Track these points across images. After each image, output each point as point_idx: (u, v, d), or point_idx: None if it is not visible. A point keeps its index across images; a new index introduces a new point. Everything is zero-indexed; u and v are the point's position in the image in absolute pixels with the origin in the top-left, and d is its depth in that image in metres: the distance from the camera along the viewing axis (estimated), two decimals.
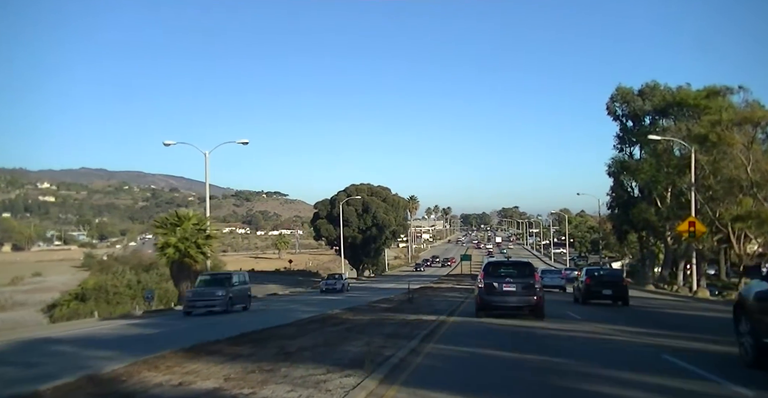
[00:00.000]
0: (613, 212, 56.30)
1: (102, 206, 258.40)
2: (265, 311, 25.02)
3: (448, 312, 19.74)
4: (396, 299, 28.69)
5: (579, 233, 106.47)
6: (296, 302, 30.69)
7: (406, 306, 22.94)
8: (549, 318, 17.30)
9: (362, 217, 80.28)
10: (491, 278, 17.73)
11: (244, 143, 33.97)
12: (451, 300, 27.46)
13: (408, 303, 25.06)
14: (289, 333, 13.31)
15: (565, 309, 22.47)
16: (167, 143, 33.48)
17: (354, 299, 32.58)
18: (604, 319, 17.80)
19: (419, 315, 18.34)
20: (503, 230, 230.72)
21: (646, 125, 51.56)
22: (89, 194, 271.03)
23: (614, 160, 53.66)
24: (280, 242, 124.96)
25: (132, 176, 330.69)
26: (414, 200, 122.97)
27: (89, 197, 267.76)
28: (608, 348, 11.39)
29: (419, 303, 24.91)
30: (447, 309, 21.48)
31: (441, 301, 26.53)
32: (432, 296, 31.85)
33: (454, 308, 22.36)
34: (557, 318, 17.90)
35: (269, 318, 18.58)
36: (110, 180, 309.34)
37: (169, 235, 31.95)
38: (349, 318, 17.16)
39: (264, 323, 16.13)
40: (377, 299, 29.91)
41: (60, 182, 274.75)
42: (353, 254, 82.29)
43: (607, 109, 52.62)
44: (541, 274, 26.93)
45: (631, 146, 52.93)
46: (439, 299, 28.45)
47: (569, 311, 21.41)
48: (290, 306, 27.16)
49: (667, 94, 48.85)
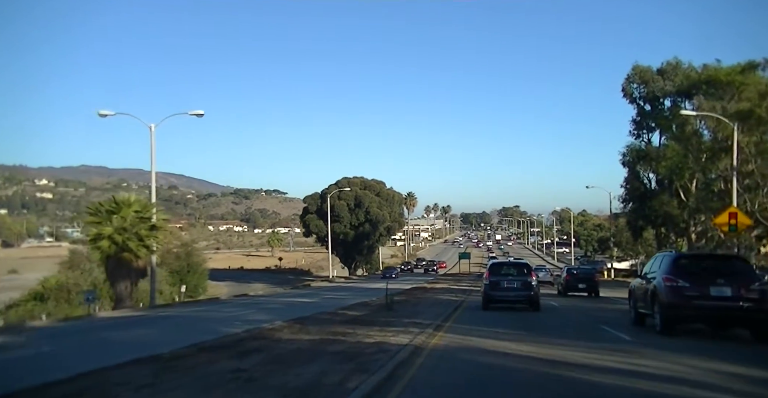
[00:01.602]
0: (627, 206, 50.20)
1: None
2: (178, 319, 18.91)
3: (434, 326, 13.78)
4: (375, 303, 22.68)
5: (584, 231, 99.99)
6: (252, 306, 24.68)
7: (379, 315, 16.94)
8: None
9: (354, 212, 74.24)
10: (495, 277, 20.64)
11: (199, 114, 27.94)
12: (444, 304, 21.45)
13: (386, 309, 19.07)
14: (113, 385, 7.27)
15: (548, 299, 26.34)
16: (103, 114, 27.46)
17: (327, 302, 26.59)
18: (574, 306, 24.11)
19: (388, 332, 12.35)
20: (503, 230, 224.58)
21: (665, 108, 45.56)
22: (87, 191, 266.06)
23: (629, 148, 47.66)
24: (273, 239, 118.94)
25: (132, 173, 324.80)
26: (412, 197, 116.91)
27: (87, 194, 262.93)
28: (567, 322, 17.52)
29: (400, 309, 18.94)
30: (433, 319, 15.51)
31: (429, 306, 20.51)
32: (421, 298, 25.88)
33: (444, 318, 16.37)
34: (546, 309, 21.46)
35: (152, 338, 12.68)
36: (110, 178, 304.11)
37: (104, 225, 25.94)
38: (280, 339, 11.14)
39: (101, 358, 9.21)
40: (354, 303, 23.89)
41: (58, 179, 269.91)
42: (345, 252, 76.28)
43: (622, 91, 46.58)
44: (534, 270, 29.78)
45: (649, 132, 46.88)
46: (428, 303, 22.46)
47: (552, 301, 26.43)
48: (235, 311, 21.14)
49: (692, 73, 42.81)
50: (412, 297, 27.44)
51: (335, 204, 73.64)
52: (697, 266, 13.84)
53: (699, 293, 12.56)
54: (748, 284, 12.60)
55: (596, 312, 21.27)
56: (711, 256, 18.67)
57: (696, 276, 12.98)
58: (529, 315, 18.89)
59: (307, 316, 16.92)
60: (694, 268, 13.56)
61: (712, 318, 13.00)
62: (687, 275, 13.01)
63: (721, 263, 14.48)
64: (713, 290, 12.54)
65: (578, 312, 21.56)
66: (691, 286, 12.69)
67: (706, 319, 13.16)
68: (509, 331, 13.51)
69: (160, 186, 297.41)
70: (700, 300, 12.50)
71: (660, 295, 13.23)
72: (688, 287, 12.69)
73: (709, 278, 12.81)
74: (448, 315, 17.23)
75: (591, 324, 16.53)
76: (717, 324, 13.61)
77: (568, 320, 18.10)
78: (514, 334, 12.86)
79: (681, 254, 15.75)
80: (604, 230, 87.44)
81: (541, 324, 16.05)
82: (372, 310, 19.08)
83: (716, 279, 12.72)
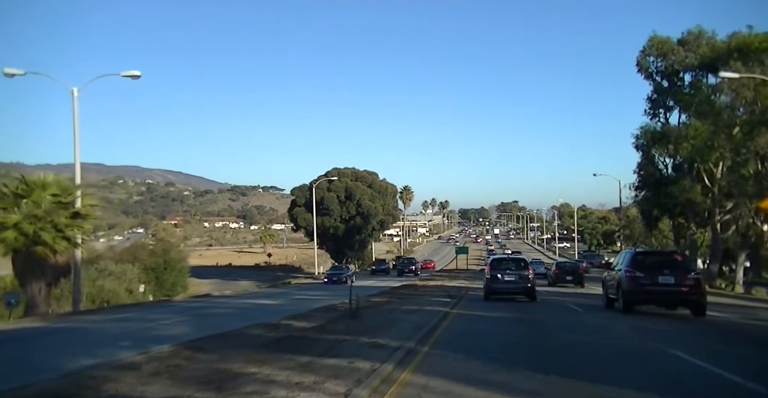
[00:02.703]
0: (640, 194, 44.73)
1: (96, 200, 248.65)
2: (50, 338, 13.60)
3: (402, 353, 8.47)
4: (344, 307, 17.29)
5: (588, 225, 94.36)
6: (192, 311, 19.47)
7: (333, 329, 11.62)
8: None
9: (345, 204, 68.85)
10: (495, 271, 22.20)
11: (134, 76, 22.52)
12: (428, 310, 16.09)
13: (349, 317, 13.77)
14: None
15: (539, 289, 25.24)
16: (9, 73, 22.08)
17: (289, 305, 21.42)
18: (559, 294, 27.66)
19: (319, 370, 6.99)
20: (502, 225, 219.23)
21: (684, 84, 40.09)
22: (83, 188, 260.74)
23: (644, 129, 42.11)
24: (265, 235, 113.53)
25: (130, 170, 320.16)
26: (408, 191, 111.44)
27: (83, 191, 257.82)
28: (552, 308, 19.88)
29: (369, 318, 13.67)
30: (406, 337, 10.12)
31: (409, 313, 15.13)
32: (404, 300, 20.58)
33: (424, 334, 11.01)
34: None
35: None
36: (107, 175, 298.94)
37: (9, 211, 20.59)
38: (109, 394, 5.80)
39: None
40: (320, 306, 18.67)
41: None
42: (336, 247, 70.92)
43: (637, 65, 41.00)
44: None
45: (667, 111, 41.38)
46: (411, 306, 17.10)
47: (541, 289, 27.34)
48: (159, 320, 15.82)
49: (718, 43, 37.39)
50: (395, 298, 22.13)
51: (325, 196, 68.30)
52: (649, 260, 16.91)
53: (650, 281, 15.77)
54: (686, 274, 15.94)
55: (572, 298, 24.75)
56: (659, 252, 23.10)
57: (648, 268, 16.07)
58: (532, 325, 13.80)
59: (232, 331, 11.68)
60: (647, 262, 16.64)
61: (661, 300, 16.27)
62: (642, 267, 16.12)
63: (667, 257, 18.27)
64: (661, 278, 15.73)
65: (560, 296, 25.51)
66: (644, 276, 15.87)
67: (656, 301, 16.33)
68: (511, 370, 8.16)
69: (157, 183, 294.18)
70: (651, 286, 15.76)
71: (622, 283, 16.47)
72: (642, 276, 15.88)
73: (658, 269, 16.00)
74: (430, 328, 11.90)
75: (562, 304, 21.06)
76: (665, 304, 16.64)
77: (549, 303, 21.82)
78: (519, 375, 7.53)
79: (637, 252, 18.31)
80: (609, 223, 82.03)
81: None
82: (330, 319, 13.75)
83: (663, 270, 15.93)
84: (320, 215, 68.51)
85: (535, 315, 16.42)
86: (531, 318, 15.46)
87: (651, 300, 16.33)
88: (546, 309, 19.01)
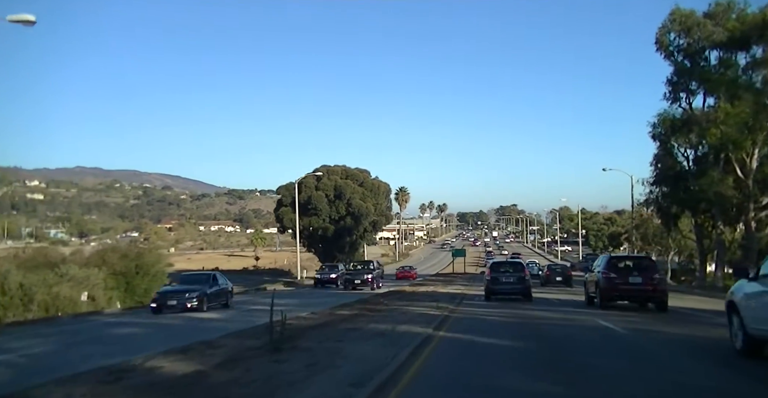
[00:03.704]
0: (656, 189, 39.48)
1: (92, 204, 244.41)
2: None
3: None
4: (296, 325, 11.94)
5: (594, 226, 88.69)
6: (71, 335, 14.23)
7: (214, 383, 6.31)
8: None
9: (334, 204, 63.46)
10: (495, 273, 23.67)
11: (28, 21, 17.23)
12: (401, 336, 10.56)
13: (271, 352, 8.44)
14: None
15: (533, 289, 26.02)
16: None
17: (241, 319, 16.26)
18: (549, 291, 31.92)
19: None
20: (501, 229, 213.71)
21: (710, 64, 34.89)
22: (79, 192, 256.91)
23: (662, 117, 36.95)
24: (256, 238, 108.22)
25: (127, 174, 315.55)
26: (404, 192, 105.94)
27: (79, 195, 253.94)
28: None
29: (298, 354, 8.32)
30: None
31: (368, 341, 9.58)
32: (379, 313, 15.29)
33: (372, 391, 5.73)
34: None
35: None
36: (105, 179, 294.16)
37: None
38: None
39: None
40: (260, 323, 13.32)
41: (50, 180, 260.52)
42: (325, 250, 65.47)
43: (656, 43, 35.80)
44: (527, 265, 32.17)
45: (690, 95, 36.15)
46: (380, 327, 11.60)
47: (535, 289, 27.62)
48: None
49: (750, 16, 32.29)
50: (368, 310, 16.81)
51: (312, 195, 62.96)
52: (622, 263, 19.85)
53: (622, 281, 18.29)
54: (652, 275, 18.48)
55: (557, 295, 27.58)
56: (631, 257, 26.45)
57: (621, 270, 18.87)
58: None
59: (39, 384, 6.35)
60: (621, 265, 19.50)
61: (631, 297, 18.78)
62: (616, 269, 18.81)
63: (637, 261, 20.93)
64: (631, 279, 18.34)
65: (552, 295, 28.02)
66: (617, 276, 18.44)
67: (627, 298, 18.83)
68: None
69: (154, 187, 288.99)
70: (623, 285, 18.26)
71: (599, 283, 18.76)
72: (616, 277, 18.41)
73: (629, 271, 18.81)
74: (386, 378, 6.53)
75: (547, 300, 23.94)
76: (634, 301, 19.01)
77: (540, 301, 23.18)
78: None
79: (612, 256, 22.02)
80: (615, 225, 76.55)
81: None
82: (237, 354, 8.43)
83: (633, 272, 18.65)
84: (308, 216, 63.20)
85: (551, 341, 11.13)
86: (548, 346, 10.14)
87: (623, 297, 18.71)
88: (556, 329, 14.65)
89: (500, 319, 15.14)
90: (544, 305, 20.98)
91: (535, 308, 19.18)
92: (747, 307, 8.45)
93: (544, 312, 17.36)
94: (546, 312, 17.39)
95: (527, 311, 17.81)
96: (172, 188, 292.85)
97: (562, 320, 14.98)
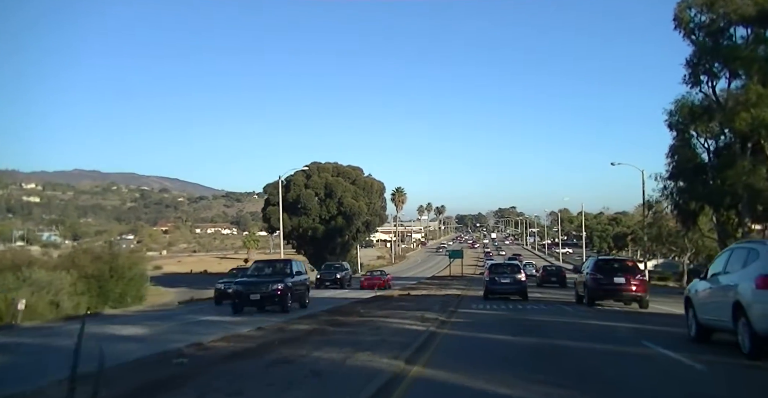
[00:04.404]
0: (671, 184, 35.54)
1: (88, 206, 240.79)
2: None
3: None
4: (206, 351, 7.92)
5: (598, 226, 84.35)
6: None
7: None
8: None
9: (325, 203, 59.43)
10: (493, 274, 25.15)
11: None
12: (348, 377, 6.67)
13: None
14: None
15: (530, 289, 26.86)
16: None
17: (162, 338, 12.18)
18: (543, 291, 32.87)
19: None
20: (500, 231, 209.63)
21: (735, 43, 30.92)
22: (75, 195, 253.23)
23: (680, 103, 33.07)
24: (248, 240, 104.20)
25: (126, 177, 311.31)
26: (401, 193, 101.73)
27: (75, 198, 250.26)
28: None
29: None
30: None
31: (292, 388, 5.73)
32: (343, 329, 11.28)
33: None
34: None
35: None
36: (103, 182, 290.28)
37: None
38: None
39: None
40: (170, 348, 9.28)
41: (46, 183, 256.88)
42: (315, 252, 61.36)
43: (675, 20, 31.92)
44: (523, 266, 35.71)
45: (712, 78, 32.17)
46: (328, 357, 7.61)
47: (532, 289, 29.15)
48: None
49: None
50: (332, 324, 12.75)
51: (302, 194, 58.95)
52: (608, 265, 21.39)
53: (608, 281, 19.91)
54: (634, 276, 20.25)
55: (550, 296, 28.39)
56: (616, 259, 26.00)
57: (606, 271, 20.43)
58: None
59: None
60: (606, 267, 21.03)
61: (615, 296, 20.32)
62: (602, 271, 20.48)
63: (621, 263, 22.34)
64: (615, 279, 19.90)
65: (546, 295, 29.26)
66: (603, 277, 20.05)
67: (612, 297, 20.40)
68: None
69: (151, 189, 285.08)
70: (608, 285, 19.90)
71: (587, 283, 20.53)
72: (602, 278, 20.06)
73: (614, 272, 20.35)
74: None
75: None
76: (618, 299, 20.47)
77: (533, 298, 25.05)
78: None
79: (599, 259, 23.42)
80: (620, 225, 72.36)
81: None
82: None
83: (617, 273, 20.23)
84: (297, 216, 59.20)
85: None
86: None
87: (608, 296, 20.37)
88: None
89: (507, 339, 11.06)
90: (558, 314, 17.74)
91: (549, 319, 15.85)
92: (697, 301, 10.32)
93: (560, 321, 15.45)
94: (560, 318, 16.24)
95: (529, 315, 17.03)
96: (170, 190, 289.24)
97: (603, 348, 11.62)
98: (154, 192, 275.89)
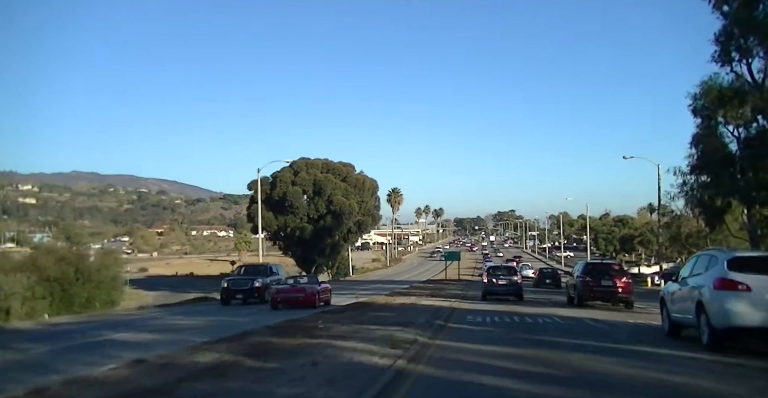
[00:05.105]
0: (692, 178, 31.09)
1: (85, 208, 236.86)
2: None
3: None
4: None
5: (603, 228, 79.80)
6: None
7: None
8: None
9: (313, 201, 55.10)
10: (491, 276, 26.72)
11: None
12: None
13: None
14: None
15: (525, 290, 28.42)
16: None
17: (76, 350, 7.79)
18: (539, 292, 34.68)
19: None
20: (499, 235, 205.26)
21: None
22: (72, 197, 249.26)
23: (707, 85, 28.69)
24: (239, 242, 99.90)
25: (124, 179, 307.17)
26: (397, 193, 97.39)
27: (72, 200, 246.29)
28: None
29: None
30: None
31: None
32: (258, 367, 7.03)
33: None
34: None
35: None
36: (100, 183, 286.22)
37: None
38: None
39: None
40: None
41: (43, 184, 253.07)
42: (303, 252, 56.95)
43: None
44: (520, 268, 45.53)
45: (745, 56, 27.80)
46: None
47: (528, 290, 30.87)
48: None
49: None
50: (243, 359, 8.37)
51: (288, 191, 54.61)
52: (596, 268, 22.71)
53: (596, 283, 21.46)
54: (621, 278, 21.82)
55: (545, 295, 30.48)
56: (603, 263, 26.48)
57: (595, 273, 21.88)
58: None
59: None
60: (595, 270, 22.41)
61: (603, 297, 21.70)
62: (590, 273, 22.02)
63: (608, 266, 23.75)
64: (603, 281, 21.48)
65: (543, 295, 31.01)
66: (592, 279, 21.58)
67: (600, 298, 21.73)
68: None
69: (149, 191, 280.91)
70: (596, 287, 21.48)
71: (577, 285, 22.04)
72: (590, 280, 21.60)
73: (601, 274, 21.83)
74: None
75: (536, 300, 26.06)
76: (605, 300, 21.73)
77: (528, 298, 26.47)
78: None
79: (588, 262, 25.42)
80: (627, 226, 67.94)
81: None
82: None
83: (605, 275, 21.75)
84: (283, 215, 54.90)
85: None
86: None
87: (596, 297, 21.81)
88: None
89: (515, 387, 6.68)
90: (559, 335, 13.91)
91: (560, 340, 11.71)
92: (669, 301, 12.14)
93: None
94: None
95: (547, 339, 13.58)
96: (167, 192, 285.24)
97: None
98: (152, 194, 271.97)
